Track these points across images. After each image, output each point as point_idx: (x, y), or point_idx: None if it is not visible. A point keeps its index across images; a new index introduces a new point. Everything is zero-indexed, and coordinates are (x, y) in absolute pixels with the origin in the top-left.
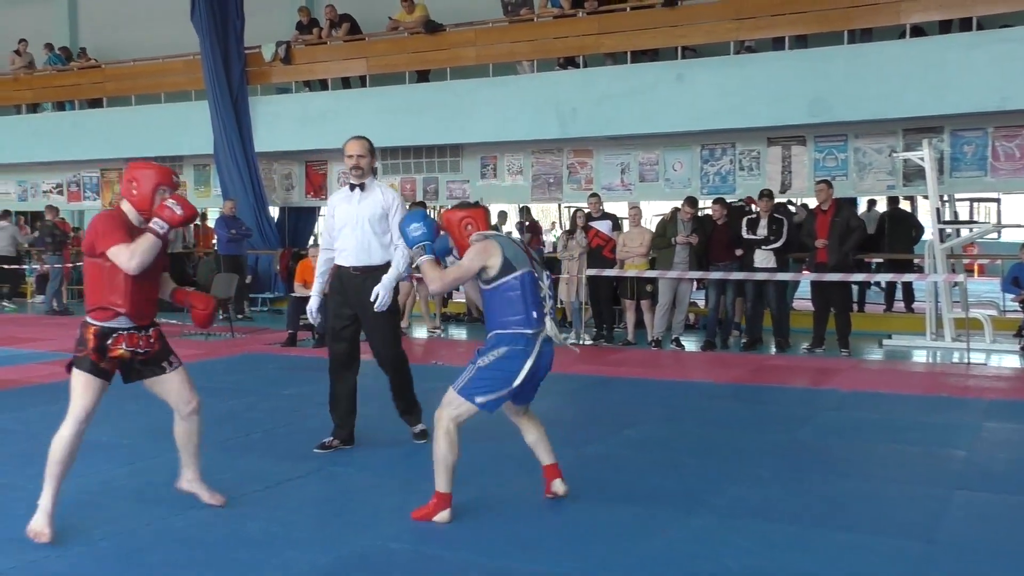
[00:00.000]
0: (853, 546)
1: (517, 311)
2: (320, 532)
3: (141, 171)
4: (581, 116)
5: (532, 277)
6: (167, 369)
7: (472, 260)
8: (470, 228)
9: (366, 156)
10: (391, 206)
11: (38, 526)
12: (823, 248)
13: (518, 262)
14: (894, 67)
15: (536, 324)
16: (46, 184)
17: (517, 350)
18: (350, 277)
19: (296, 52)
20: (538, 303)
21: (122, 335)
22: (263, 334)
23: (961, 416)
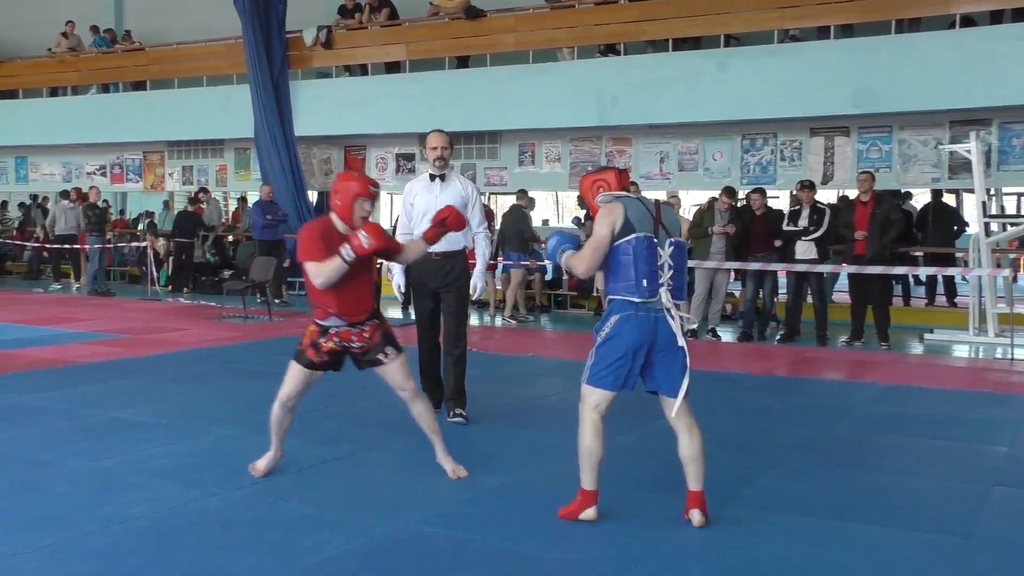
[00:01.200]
0: (887, 540)
1: (627, 276)
2: (353, 515)
3: (343, 183)
4: (621, 104)
5: (650, 243)
6: (383, 361)
7: (600, 225)
8: (601, 190)
9: (448, 148)
10: (470, 197)
11: (260, 463)
12: (861, 240)
13: (641, 225)
14: (941, 58)
15: (644, 293)
16: (90, 166)
17: (627, 315)
18: (432, 262)
19: (337, 37)
20: (651, 272)
21: (335, 332)
22: (300, 317)
23: (1003, 412)
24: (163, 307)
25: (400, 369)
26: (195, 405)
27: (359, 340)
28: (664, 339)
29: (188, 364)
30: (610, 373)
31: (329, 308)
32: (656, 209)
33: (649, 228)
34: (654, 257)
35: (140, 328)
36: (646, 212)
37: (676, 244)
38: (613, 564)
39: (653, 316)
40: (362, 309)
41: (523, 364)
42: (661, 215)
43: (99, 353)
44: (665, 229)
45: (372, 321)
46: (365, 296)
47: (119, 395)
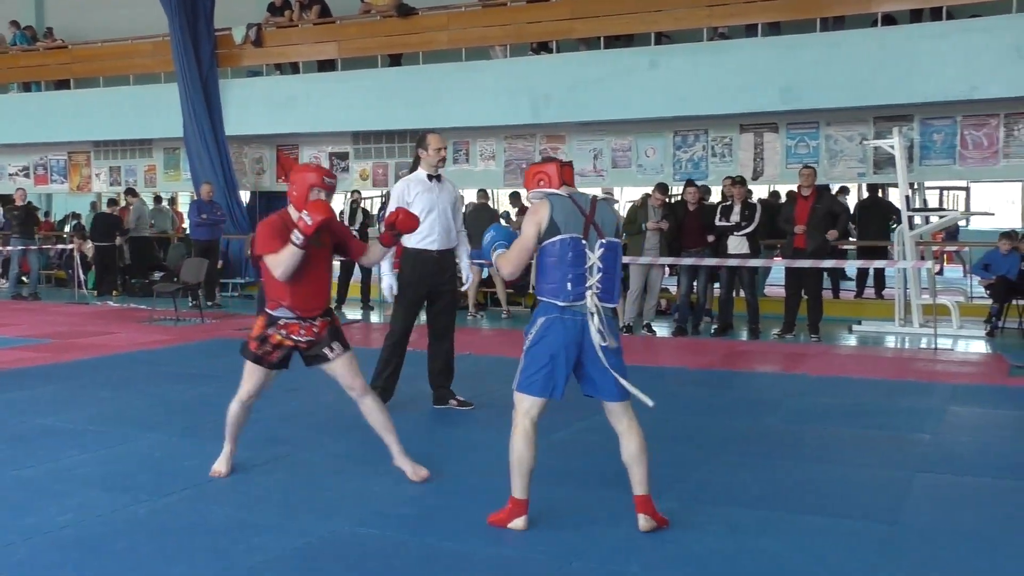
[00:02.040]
0: (818, 529)
1: (553, 278)
2: (287, 518)
3: (298, 174)
4: (554, 102)
5: (576, 245)
6: (329, 356)
7: (526, 225)
8: (542, 183)
9: (446, 148)
10: (459, 195)
11: (219, 466)
12: (801, 234)
13: (568, 225)
14: (865, 55)
15: (569, 296)
16: (12, 167)
17: (552, 319)
18: (431, 260)
19: (267, 35)
20: (578, 275)
21: (284, 324)
22: (233, 319)
23: (927, 400)
24: (91, 311)
25: (348, 366)
26: (125, 410)
27: (307, 334)
28: (592, 343)
29: (117, 368)
30: (538, 379)
31: (282, 300)
32: (591, 207)
33: (578, 228)
34: (581, 259)
35: (67, 332)
36: (576, 211)
37: (608, 245)
38: (550, 561)
39: (580, 320)
40: (315, 304)
41: (458, 362)
42: (595, 213)
43: (24, 359)
44: (597, 229)
45: (323, 318)
46: (319, 291)
47: (45, 402)
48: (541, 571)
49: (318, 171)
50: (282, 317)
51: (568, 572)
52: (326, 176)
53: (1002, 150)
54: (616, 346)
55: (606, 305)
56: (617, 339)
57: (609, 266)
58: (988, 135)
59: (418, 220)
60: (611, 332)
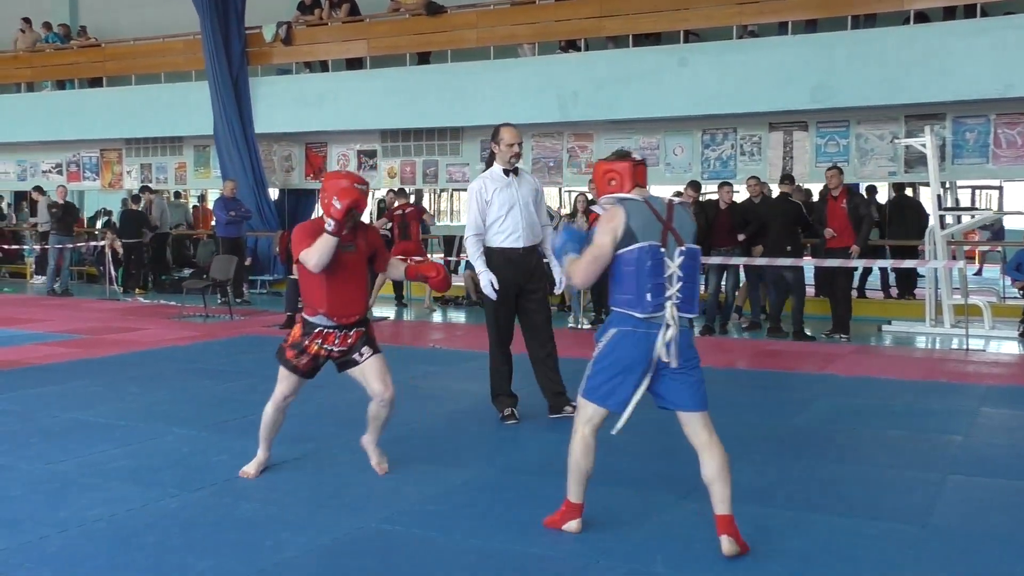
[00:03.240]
0: (847, 530)
1: (629, 289)
2: (314, 514)
3: (330, 181)
4: (582, 100)
5: (655, 253)
6: (357, 360)
7: (600, 233)
8: (612, 184)
9: (521, 143)
10: (540, 190)
11: (248, 468)
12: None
13: (644, 233)
14: (897, 53)
15: (647, 308)
16: (45, 164)
17: (625, 332)
18: (519, 257)
19: (297, 33)
20: (657, 285)
21: (319, 332)
22: (262, 316)
23: (958, 402)
24: (122, 307)
25: (376, 369)
26: (154, 406)
27: (341, 344)
28: (677, 358)
29: (147, 364)
30: (603, 390)
31: (319, 307)
32: (668, 212)
33: (656, 235)
34: (660, 268)
35: (98, 328)
36: (652, 216)
37: (687, 252)
38: (576, 559)
39: (655, 333)
40: (352, 311)
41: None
42: (673, 218)
43: (56, 354)
44: (676, 235)
45: (358, 328)
46: (356, 299)
47: (77, 396)
48: (566, 569)
49: (349, 177)
50: (319, 325)
51: (594, 571)
52: (356, 182)
53: None
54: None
55: (685, 315)
56: (692, 351)
57: (689, 274)
58: (1022, 133)
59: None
60: (687, 345)
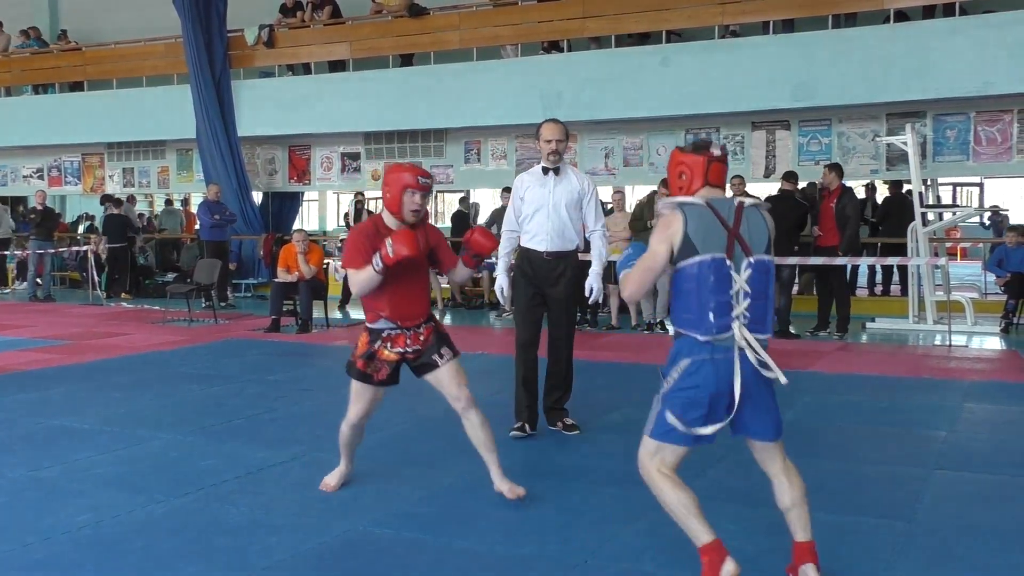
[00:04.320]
0: (833, 526)
1: (689, 307)
2: (302, 518)
3: (392, 174)
4: (565, 100)
5: (719, 267)
6: (438, 363)
7: (655, 241)
8: (682, 179)
9: (563, 140)
10: (586, 192)
11: (330, 479)
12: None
13: (706, 244)
14: (877, 52)
15: (712, 329)
16: (26, 168)
17: (701, 361)
18: (541, 261)
19: (279, 35)
20: (722, 303)
21: (388, 336)
22: (246, 320)
23: (942, 397)
24: (105, 312)
25: (453, 374)
26: (139, 411)
27: (413, 343)
28: (745, 381)
29: (132, 369)
30: (687, 429)
31: (381, 311)
32: (736, 217)
33: (719, 246)
34: (726, 284)
35: (82, 333)
36: (716, 223)
37: (757, 265)
38: (566, 558)
39: (730, 359)
40: (415, 312)
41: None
42: (740, 224)
43: (39, 360)
44: (743, 245)
45: (427, 324)
46: (418, 299)
47: (60, 402)
48: (555, 569)
49: (413, 171)
50: (385, 329)
51: (582, 571)
52: (420, 176)
53: (1016, 146)
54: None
55: (758, 337)
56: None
57: (760, 290)
58: (1001, 131)
59: (494, 239)
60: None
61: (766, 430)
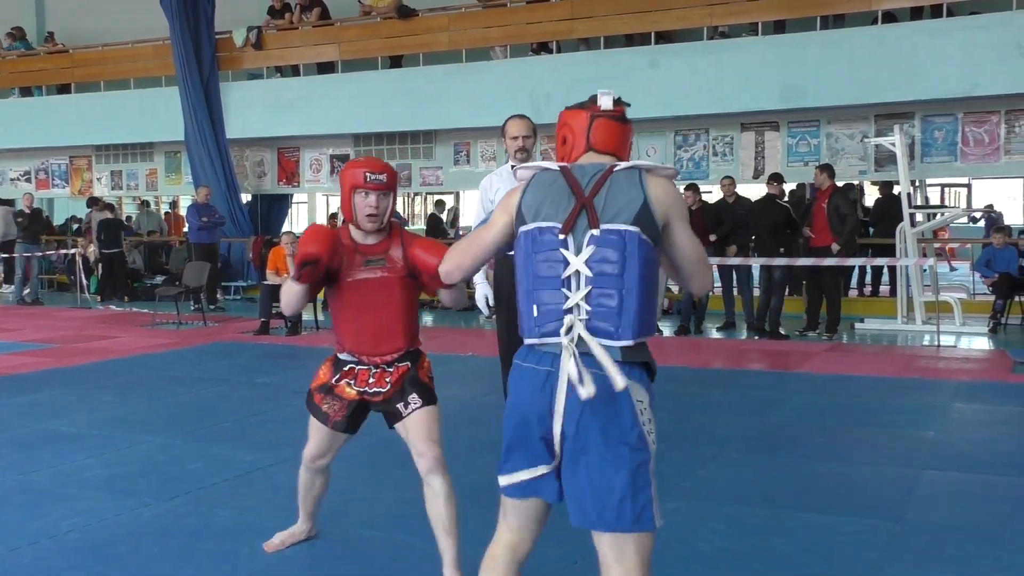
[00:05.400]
0: (823, 527)
1: (520, 302)
2: (291, 521)
3: (342, 174)
4: (555, 102)
5: (544, 240)
6: (401, 413)
7: (495, 213)
8: (566, 144)
9: (531, 136)
10: None
11: (276, 538)
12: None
13: (539, 213)
14: (866, 53)
15: (534, 329)
16: (13, 171)
17: (516, 367)
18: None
19: (267, 37)
20: (550, 290)
21: (352, 370)
22: (235, 322)
23: (931, 398)
24: (94, 315)
25: (421, 426)
26: (128, 414)
27: (378, 384)
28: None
29: (120, 373)
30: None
31: (343, 341)
32: (597, 183)
33: (559, 215)
34: (555, 265)
35: (71, 337)
36: (565, 191)
37: (603, 239)
38: (555, 562)
39: (549, 372)
40: (383, 347)
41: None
42: (600, 191)
43: (28, 363)
44: (592, 214)
45: (402, 363)
46: (387, 330)
47: (49, 406)
48: (545, 571)
49: (364, 166)
50: (348, 362)
51: (572, 572)
52: (371, 171)
53: (1003, 147)
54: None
55: (607, 343)
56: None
57: (609, 275)
58: (989, 132)
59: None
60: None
61: (585, 506)
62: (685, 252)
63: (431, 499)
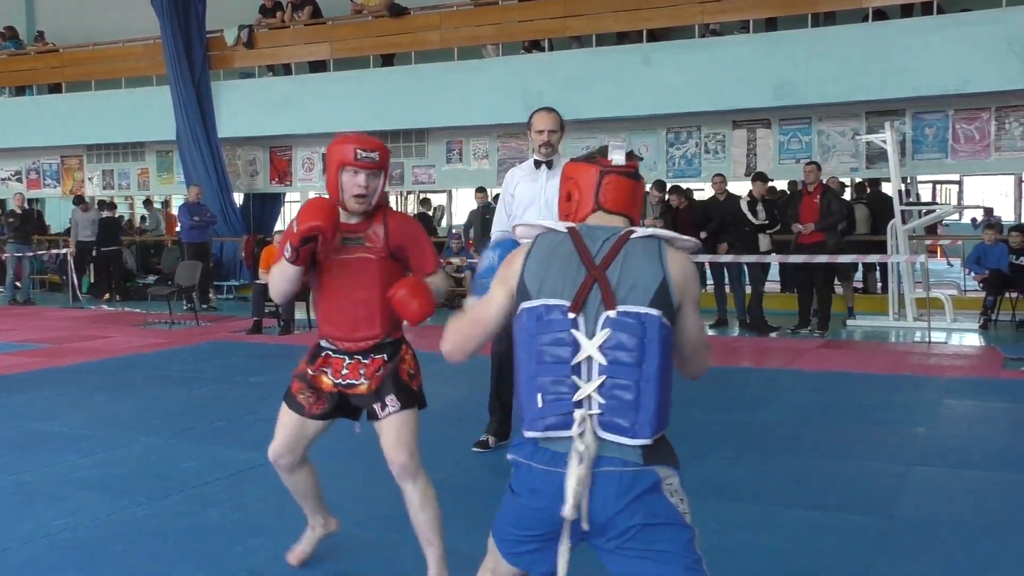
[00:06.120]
0: (814, 523)
1: (519, 383)
2: (284, 520)
3: (329, 150)
4: (547, 100)
5: (552, 321)
6: (377, 414)
7: (492, 284)
8: (572, 200)
9: (557, 131)
10: None
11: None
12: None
13: (545, 287)
14: (857, 50)
15: (537, 421)
16: (5, 171)
17: (518, 465)
18: None
19: (259, 36)
20: (556, 379)
21: (327, 358)
22: (228, 322)
23: (922, 394)
24: (86, 315)
25: (394, 431)
26: (121, 414)
27: (352, 375)
28: (602, 512)
29: (113, 372)
30: (507, 543)
31: (321, 324)
32: (610, 251)
33: (567, 289)
34: (565, 349)
35: (63, 337)
36: (573, 260)
37: (621, 323)
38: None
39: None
40: (360, 332)
41: None
42: (613, 263)
43: (19, 364)
44: (605, 291)
45: (379, 355)
46: (362, 315)
47: (41, 406)
48: None
49: (354, 142)
50: (325, 348)
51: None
52: (362, 148)
53: (993, 143)
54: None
55: (623, 440)
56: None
57: (627, 365)
58: (980, 129)
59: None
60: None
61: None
62: (690, 334)
63: (408, 506)
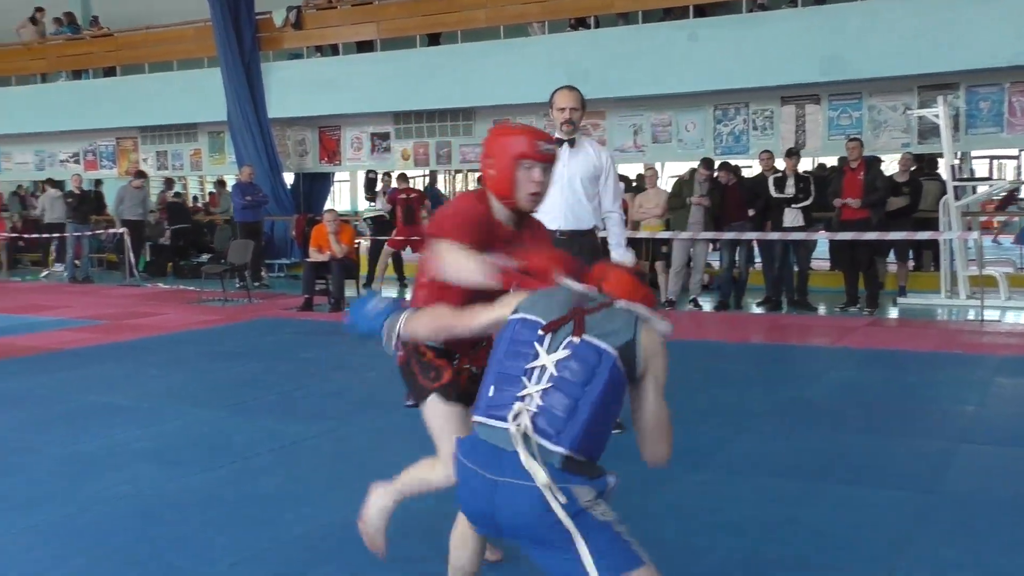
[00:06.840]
0: (854, 498)
1: (483, 381)
2: (333, 490)
3: (497, 140)
4: (593, 77)
5: (527, 328)
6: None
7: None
8: None
9: (579, 109)
10: (604, 167)
11: None
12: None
13: (534, 308)
14: (908, 23)
15: (481, 407)
16: (63, 153)
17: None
18: (554, 241)
19: (307, 17)
20: (511, 375)
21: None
22: (279, 299)
23: (972, 372)
24: (142, 292)
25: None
26: (175, 388)
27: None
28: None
29: (168, 348)
30: None
31: None
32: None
33: (549, 316)
34: (525, 351)
35: (119, 314)
36: (567, 302)
37: (582, 350)
38: None
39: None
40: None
41: None
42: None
43: (79, 339)
44: (579, 325)
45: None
46: None
47: (99, 380)
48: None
49: (528, 134)
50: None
51: None
52: (541, 140)
53: None
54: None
55: (547, 445)
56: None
57: (573, 384)
58: None
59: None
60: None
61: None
62: (649, 413)
63: None
